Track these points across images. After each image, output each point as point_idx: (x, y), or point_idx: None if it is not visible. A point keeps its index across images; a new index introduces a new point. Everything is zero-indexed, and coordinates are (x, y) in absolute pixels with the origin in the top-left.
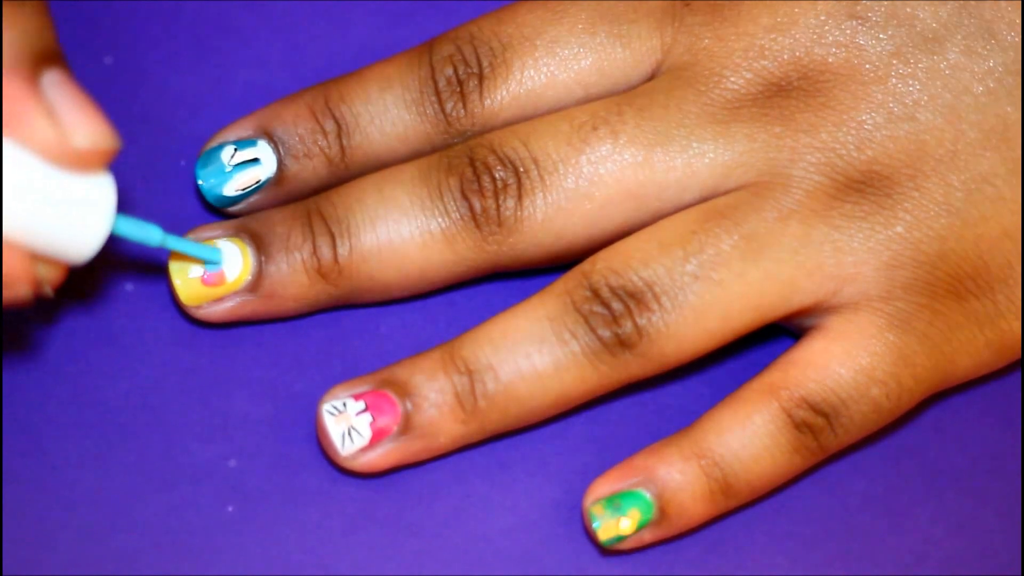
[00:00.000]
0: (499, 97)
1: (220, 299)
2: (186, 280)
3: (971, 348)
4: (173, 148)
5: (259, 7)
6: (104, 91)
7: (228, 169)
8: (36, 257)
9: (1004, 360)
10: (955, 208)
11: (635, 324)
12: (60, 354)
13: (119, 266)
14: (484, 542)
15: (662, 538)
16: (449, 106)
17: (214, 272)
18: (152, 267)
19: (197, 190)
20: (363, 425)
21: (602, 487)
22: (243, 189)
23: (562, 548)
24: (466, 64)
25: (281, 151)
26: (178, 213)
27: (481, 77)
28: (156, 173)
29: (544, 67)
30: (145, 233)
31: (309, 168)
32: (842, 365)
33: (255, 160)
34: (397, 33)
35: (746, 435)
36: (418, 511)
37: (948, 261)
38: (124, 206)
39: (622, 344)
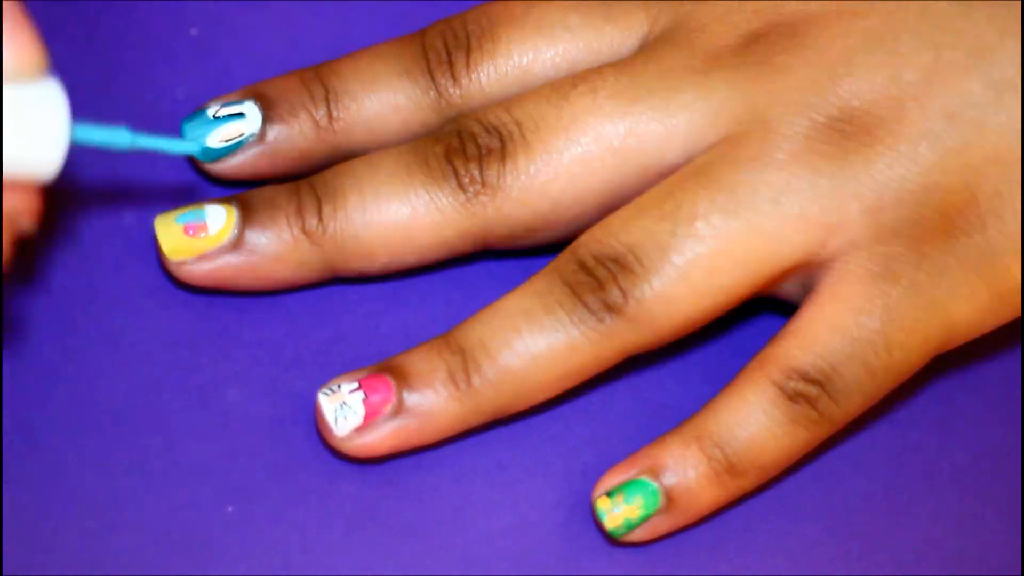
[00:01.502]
0: (487, 69)
1: (202, 257)
2: (169, 230)
3: (966, 292)
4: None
5: (259, 7)
6: (104, 91)
7: (212, 120)
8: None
9: (1007, 308)
10: (937, 136)
11: (620, 288)
12: (60, 354)
13: (119, 266)
14: (484, 542)
15: (676, 527)
16: (438, 75)
17: (197, 223)
18: (152, 267)
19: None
20: (356, 402)
21: (608, 481)
22: (227, 141)
23: (562, 548)
24: (455, 38)
25: (267, 110)
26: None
27: (469, 49)
28: (154, 172)
29: (531, 41)
30: (112, 137)
31: (295, 128)
32: (827, 329)
33: (241, 115)
34: (397, 34)
35: (741, 413)
36: (418, 511)
37: (933, 195)
38: (123, 204)
39: (609, 309)
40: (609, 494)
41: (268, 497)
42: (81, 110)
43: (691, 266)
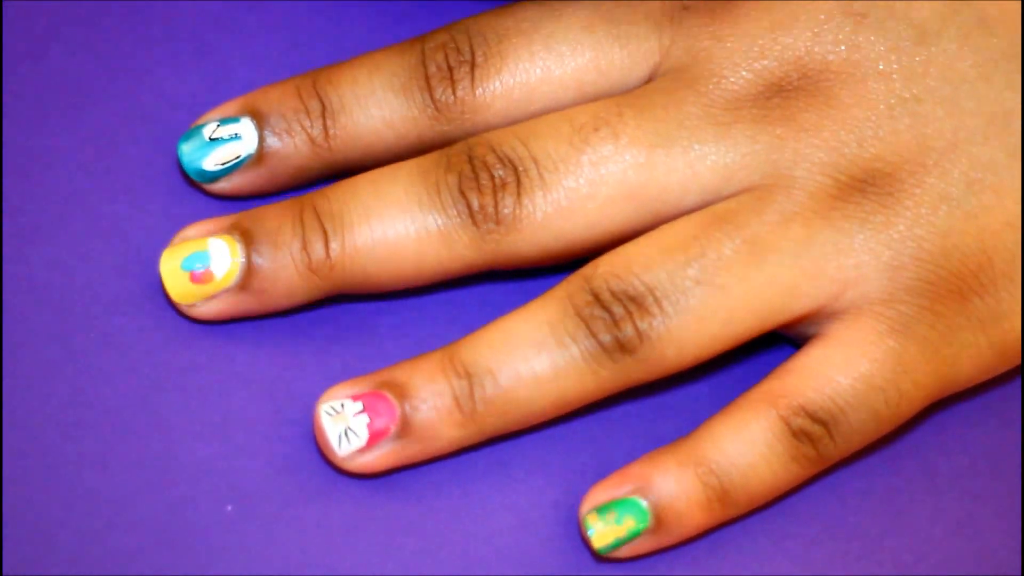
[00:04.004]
0: (491, 87)
1: (211, 297)
2: (175, 278)
3: (973, 351)
4: (171, 150)
5: (258, 7)
6: (104, 91)
7: (208, 142)
8: None
9: (1006, 364)
10: (956, 200)
11: (636, 328)
12: (60, 354)
13: (119, 266)
14: (483, 543)
15: (660, 547)
16: (438, 92)
17: (202, 269)
18: (152, 267)
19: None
20: (360, 426)
21: (597, 495)
22: (223, 163)
23: (561, 549)
24: (458, 52)
25: (263, 127)
26: (176, 212)
27: (473, 65)
28: (154, 172)
29: (540, 61)
30: None
31: (290, 145)
32: (841, 373)
33: (237, 136)
34: (396, 34)
35: (743, 443)
36: (417, 511)
37: (951, 257)
38: (121, 208)
39: (622, 349)
40: (599, 511)
41: (267, 497)
42: (81, 110)
43: (710, 313)
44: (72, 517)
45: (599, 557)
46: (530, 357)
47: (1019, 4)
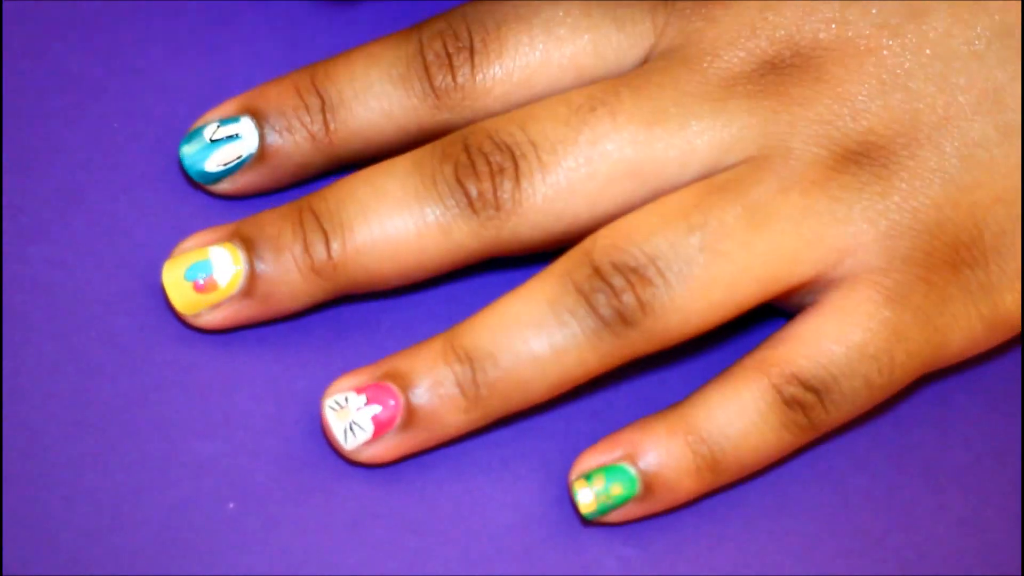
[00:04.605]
0: (491, 73)
1: (216, 306)
2: (179, 289)
3: (963, 323)
4: (171, 149)
5: (258, 7)
6: (104, 91)
7: (209, 143)
8: None
9: (996, 337)
10: (950, 174)
11: (638, 299)
12: (60, 353)
13: (119, 266)
14: (485, 539)
15: (649, 513)
16: (438, 80)
17: (205, 278)
18: (152, 267)
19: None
20: (365, 420)
21: (587, 461)
22: (225, 164)
23: (563, 546)
24: (456, 39)
25: (263, 126)
26: (176, 210)
27: (472, 51)
28: (155, 171)
29: (539, 45)
30: None
31: (291, 143)
32: (834, 341)
33: (237, 136)
34: (397, 24)
35: (734, 411)
36: (419, 508)
37: (945, 229)
38: (121, 209)
39: (624, 321)
40: (587, 477)
41: (269, 494)
42: (81, 111)
43: (713, 283)
44: (73, 517)
45: (587, 522)
46: (530, 338)
47: None
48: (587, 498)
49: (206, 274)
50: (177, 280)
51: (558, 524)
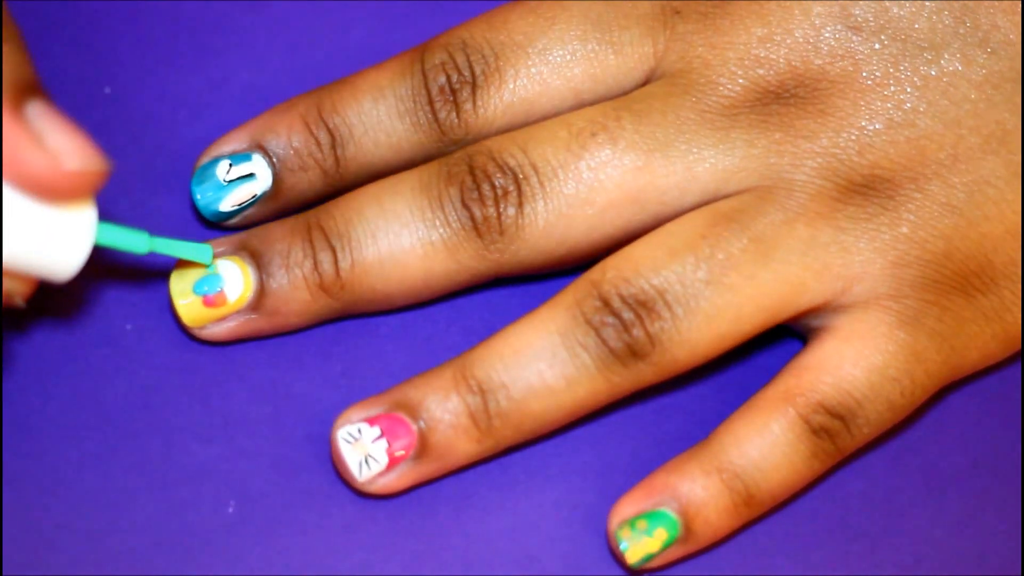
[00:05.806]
0: (493, 105)
1: (222, 319)
2: (188, 302)
3: (979, 342)
4: (172, 152)
5: (258, 8)
6: (104, 92)
7: (224, 184)
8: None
9: (1008, 351)
10: (958, 208)
11: (647, 333)
12: (60, 354)
13: (119, 265)
14: (485, 543)
15: (689, 553)
16: (443, 115)
17: (215, 292)
18: (153, 267)
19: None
20: (379, 452)
21: (626, 508)
22: (239, 204)
23: (564, 548)
24: (459, 72)
25: (276, 164)
26: (176, 211)
27: (474, 85)
28: (155, 178)
29: (537, 74)
30: (131, 241)
31: (304, 181)
32: (855, 366)
33: (251, 175)
34: (394, 35)
35: (765, 445)
36: (419, 512)
37: (954, 259)
38: (121, 209)
39: (634, 354)
40: (630, 524)
41: (269, 496)
42: (81, 111)
43: (720, 315)
44: (73, 518)
45: (632, 572)
46: (543, 369)
47: (1019, 22)
48: (631, 547)
49: (216, 288)
50: (185, 292)
51: (558, 527)
